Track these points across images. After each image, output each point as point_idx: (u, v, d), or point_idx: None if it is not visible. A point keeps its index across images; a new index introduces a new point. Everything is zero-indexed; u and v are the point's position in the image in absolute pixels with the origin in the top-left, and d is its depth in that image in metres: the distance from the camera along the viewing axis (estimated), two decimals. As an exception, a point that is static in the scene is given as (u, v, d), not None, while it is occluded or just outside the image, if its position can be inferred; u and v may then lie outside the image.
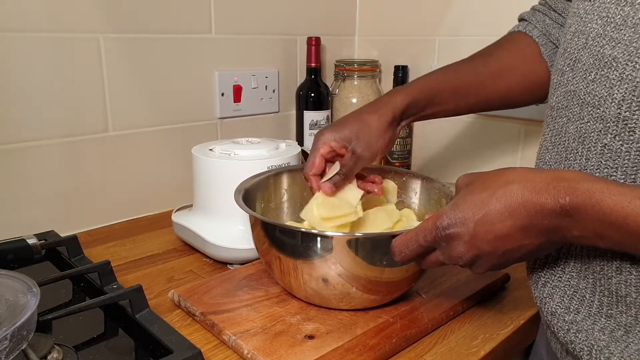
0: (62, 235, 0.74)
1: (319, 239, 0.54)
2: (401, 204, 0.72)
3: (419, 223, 0.50)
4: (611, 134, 0.41)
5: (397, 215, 0.65)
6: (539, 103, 0.67)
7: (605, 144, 0.42)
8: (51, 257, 0.70)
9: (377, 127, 0.61)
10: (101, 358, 0.51)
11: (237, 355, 0.53)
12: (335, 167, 0.61)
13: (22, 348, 0.41)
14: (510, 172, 0.44)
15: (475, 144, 1.02)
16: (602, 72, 0.42)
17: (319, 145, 0.62)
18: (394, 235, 0.51)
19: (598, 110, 0.42)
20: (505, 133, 0.98)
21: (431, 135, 1.09)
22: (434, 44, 1.05)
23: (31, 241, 0.68)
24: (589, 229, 0.39)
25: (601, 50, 0.42)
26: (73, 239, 0.70)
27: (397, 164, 1.05)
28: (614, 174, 0.41)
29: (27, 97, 0.75)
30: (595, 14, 0.43)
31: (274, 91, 1.06)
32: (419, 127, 1.09)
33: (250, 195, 0.66)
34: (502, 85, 0.64)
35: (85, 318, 0.56)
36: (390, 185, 0.72)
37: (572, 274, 0.46)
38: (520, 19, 0.67)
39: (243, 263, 0.71)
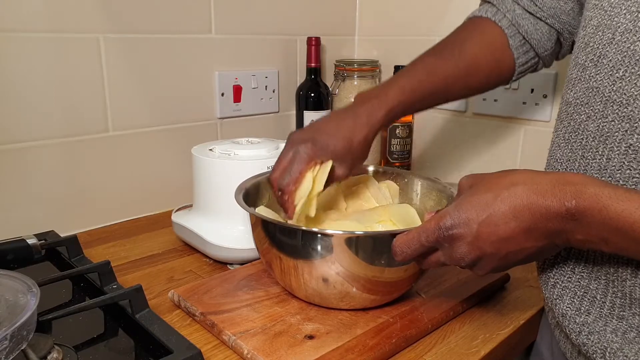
0: (62, 235, 0.74)
1: (319, 237, 0.54)
2: (401, 204, 0.72)
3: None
4: (638, 135, 0.40)
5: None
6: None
7: (631, 145, 0.41)
8: (51, 257, 0.70)
9: (360, 145, 0.60)
10: (101, 358, 0.50)
11: (237, 356, 0.53)
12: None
13: (22, 348, 0.41)
14: (514, 173, 0.43)
15: (475, 144, 1.02)
16: (633, 70, 0.40)
17: (303, 160, 0.58)
18: (394, 234, 0.50)
19: (625, 109, 0.41)
20: (505, 133, 0.98)
21: (431, 136, 1.09)
22: (434, 44, 1.05)
23: (31, 241, 0.68)
24: (594, 233, 0.38)
25: (631, 47, 0.41)
26: (73, 239, 0.70)
27: (396, 164, 1.05)
28: (637, 175, 0.40)
29: (27, 97, 0.75)
30: (623, 7, 0.42)
31: (274, 91, 1.06)
32: (418, 127, 1.09)
33: (251, 195, 0.66)
34: (471, 83, 0.64)
35: (85, 318, 0.56)
36: (392, 186, 0.72)
37: (583, 274, 0.46)
38: (487, 1, 0.66)
39: (243, 263, 0.71)
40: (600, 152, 0.43)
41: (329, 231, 0.54)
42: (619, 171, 0.41)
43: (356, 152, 0.60)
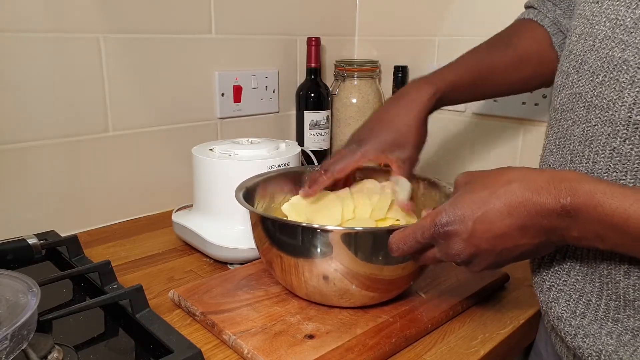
0: (62, 235, 0.74)
1: (318, 233, 0.54)
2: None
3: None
4: (620, 138, 0.41)
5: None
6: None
7: (614, 148, 0.41)
8: (51, 257, 0.70)
9: (409, 125, 0.62)
10: (101, 358, 0.51)
11: (237, 355, 0.53)
12: (402, 183, 0.63)
13: (23, 348, 0.42)
14: (510, 171, 0.43)
15: (475, 144, 1.03)
16: (612, 75, 0.41)
17: (358, 156, 0.63)
18: (391, 231, 0.50)
19: (607, 114, 0.42)
20: (505, 133, 0.98)
21: (431, 135, 1.09)
22: (434, 44, 1.05)
23: (31, 241, 0.68)
24: (589, 230, 0.39)
25: (610, 53, 0.42)
26: (73, 239, 0.70)
27: (397, 164, 1.05)
28: (623, 177, 0.41)
29: (27, 97, 0.75)
30: (604, 16, 0.43)
31: (274, 91, 1.06)
32: (418, 127, 1.09)
33: (251, 195, 0.66)
34: (519, 75, 0.66)
35: (85, 318, 0.56)
36: (406, 184, 0.71)
37: (578, 277, 0.46)
38: (529, 7, 0.68)
39: (243, 263, 0.71)
40: (586, 157, 0.44)
41: (328, 227, 0.54)
42: (606, 174, 0.42)
43: (408, 133, 0.62)
